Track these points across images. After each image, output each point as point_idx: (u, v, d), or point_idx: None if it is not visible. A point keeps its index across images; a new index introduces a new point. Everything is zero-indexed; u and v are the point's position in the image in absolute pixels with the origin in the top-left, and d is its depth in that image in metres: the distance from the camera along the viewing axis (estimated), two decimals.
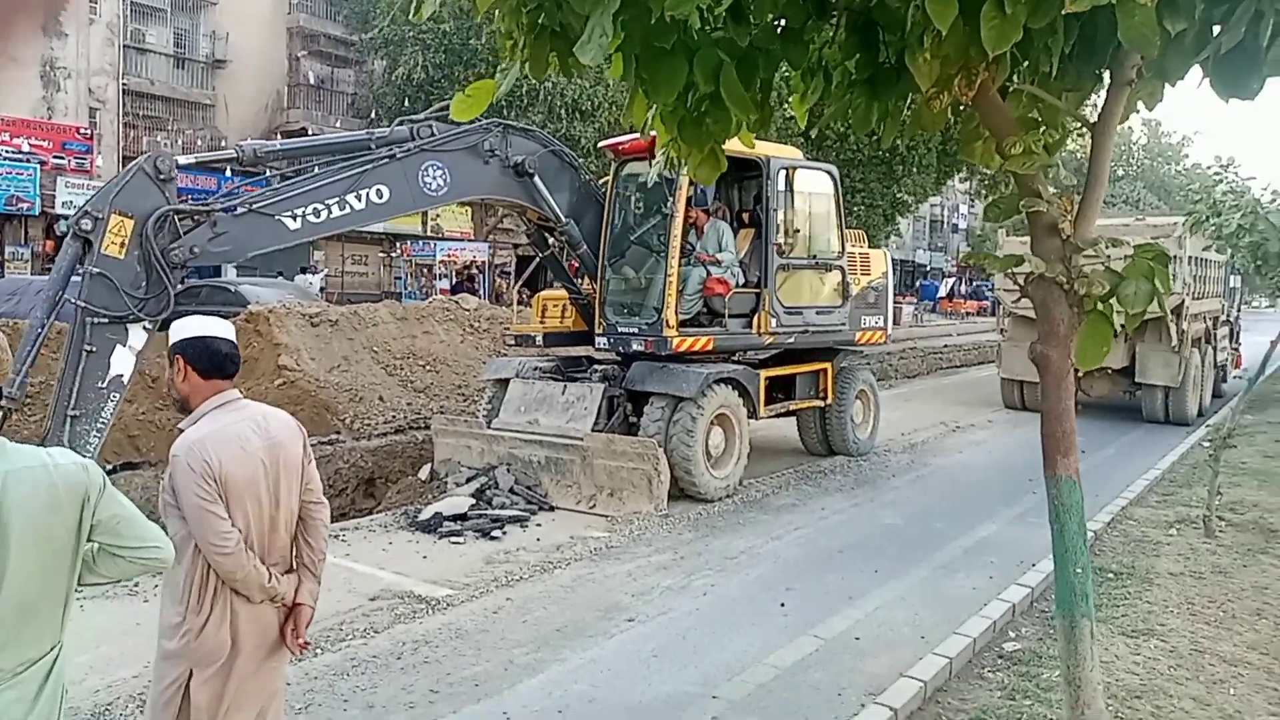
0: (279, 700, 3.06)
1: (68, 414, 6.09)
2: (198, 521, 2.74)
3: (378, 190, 7.31)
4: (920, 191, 27.02)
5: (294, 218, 6.92)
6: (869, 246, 12.13)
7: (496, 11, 2.05)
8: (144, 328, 6.34)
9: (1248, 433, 12.65)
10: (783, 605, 6.06)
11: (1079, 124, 2.17)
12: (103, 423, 6.22)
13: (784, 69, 2.40)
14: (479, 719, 4.43)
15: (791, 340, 9.79)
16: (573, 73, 2.21)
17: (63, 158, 23.27)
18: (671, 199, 8.82)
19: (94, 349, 6.12)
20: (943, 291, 49.15)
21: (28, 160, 22.42)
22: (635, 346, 8.94)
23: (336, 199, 7.09)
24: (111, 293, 6.16)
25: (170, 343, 2.92)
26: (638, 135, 8.45)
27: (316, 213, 7.00)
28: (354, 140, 7.74)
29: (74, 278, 6.35)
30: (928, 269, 56.60)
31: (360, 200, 7.20)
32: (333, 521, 8.44)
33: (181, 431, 2.88)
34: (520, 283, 15.05)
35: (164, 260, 6.30)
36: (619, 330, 9.12)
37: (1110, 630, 5.30)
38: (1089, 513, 8.00)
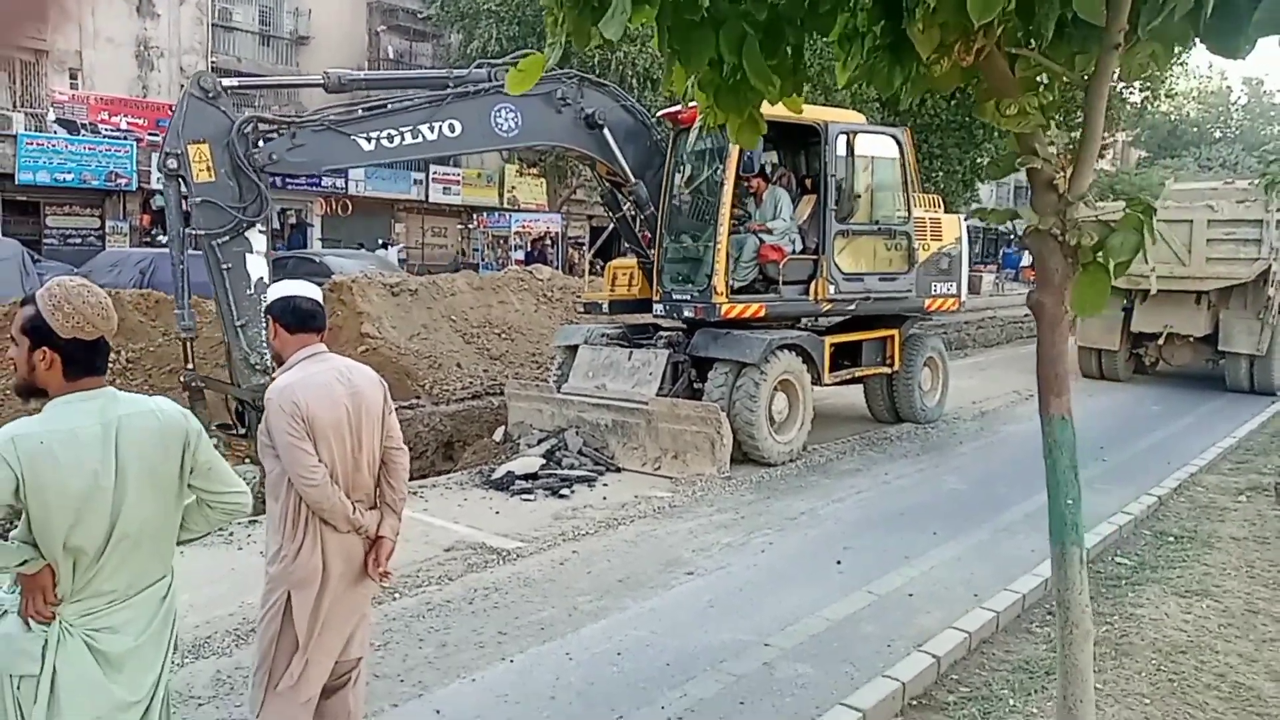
0: (366, 624, 3.41)
1: (236, 326, 6.81)
2: (289, 457, 3.06)
3: (450, 124, 7.66)
4: (1006, 160, 26.40)
5: (369, 139, 7.34)
6: (945, 212, 11.97)
7: None
8: (259, 230, 6.95)
9: None
10: (839, 563, 6.22)
11: (1072, 85, 2.28)
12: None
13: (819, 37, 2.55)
14: (543, 658, 4.72)
15: (853, 307, 9.79)
16: (615, 44, 2.40)
17: (157, 135, 24.26)
18: (722, 166, 8.92)
19: (229, 265, 6.79)
20: (1025, 260, 47.93)
21: (125, 137, 23.46)
22: (687, 313, 9.14)
23: (410, 128, 7.47)
24: (219, 212, 6.80)
25: (268, 304, 3.30)
26: (695, 105, 8.62)
27: (390, 138, 7.40)
28: (434, 77, 8.22)
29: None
30: (1011, 237, 55.19)
31: (433, 131, 7.56)
32: (412, 481, 8.90)
33: (273, 379, 3.21)
34: (593, 251, 15.30)
35: (249, 165, 6.84)
36: (674, 297, 9.31)
37: (1164, 590, 5.35)
38: (1158, 479, 8.02)
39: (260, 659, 3.20)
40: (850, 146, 9.50)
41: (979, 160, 25.73)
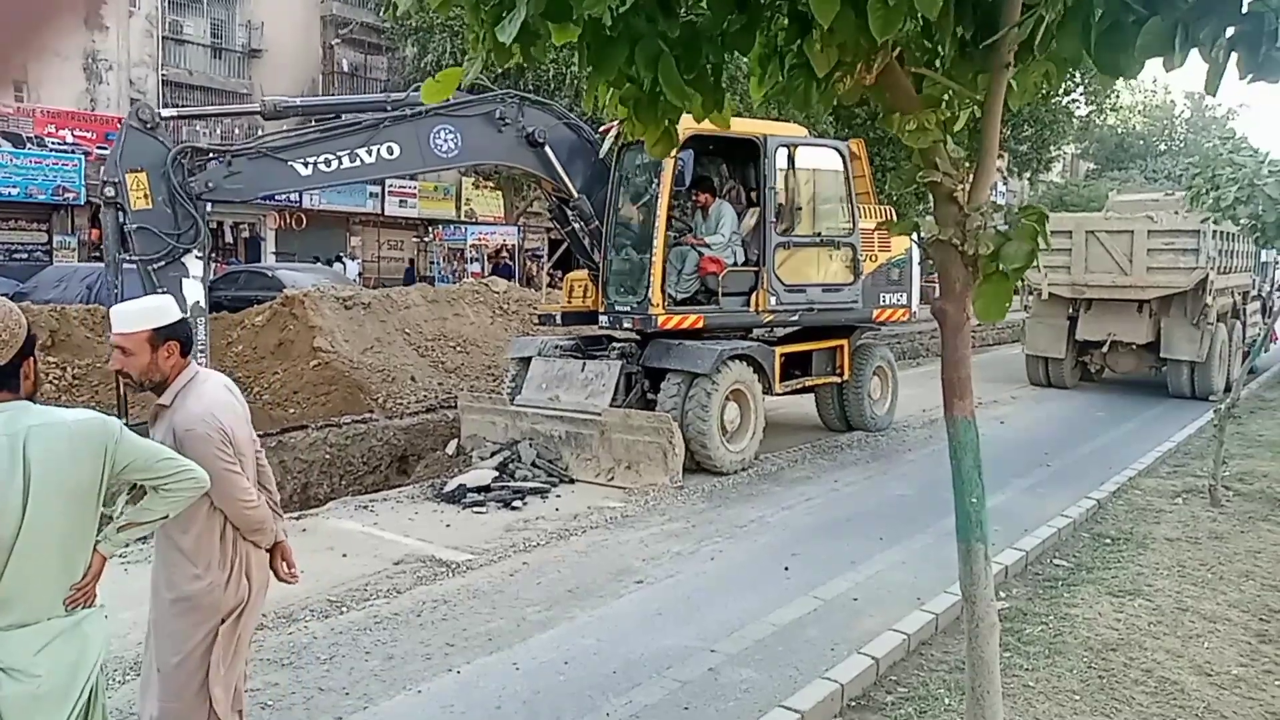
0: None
1: None
2: (226, 485, 2.96)
3: (388, 147, 7.78)
4: (909, 173, 26.84)
5: (305, 164, 7.47)
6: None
7: (461, 7, 2.30)
8: (195, 256, 7.12)
9: (1270, 406, 12.67)
10: (786, 569, 6.31)
11: (971, 103, 2.39)
12: (202, 343, 7.09)
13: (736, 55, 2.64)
14: (490, 668, 4.75)
15: (795, 318, 9.87)
16: (538, 58, 2.47)
17: (106, 148, 23.89)
18: (656, 181, 9.03)
19: (164, 289, 6.83)
20: None
21: (72, 151, 23.09)
22: (626, 324, 9.27)
23: (348, 151, 7.61)
24: (154, 238, 6.97)
25: (153, 327, 3.01)
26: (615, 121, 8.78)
27: (328, 162, 7.53)
28: (371, 101, 8.28)
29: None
30: None
31: (371, 155, 7.68)
32: (363, 495, 8.85)
33: (164, 406, 3.05)
34: (551, 264, 15.36)
35: (184, 193, 7.02)
36: (616, 309, 9.42)
37: (1098, 590, 5.51)
38: (1099, 483, 8.22)
39: (194, 698, 3.06)
40: (791, 159, 9.59)
41: None
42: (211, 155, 7.40)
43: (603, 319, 9.66)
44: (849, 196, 10.16)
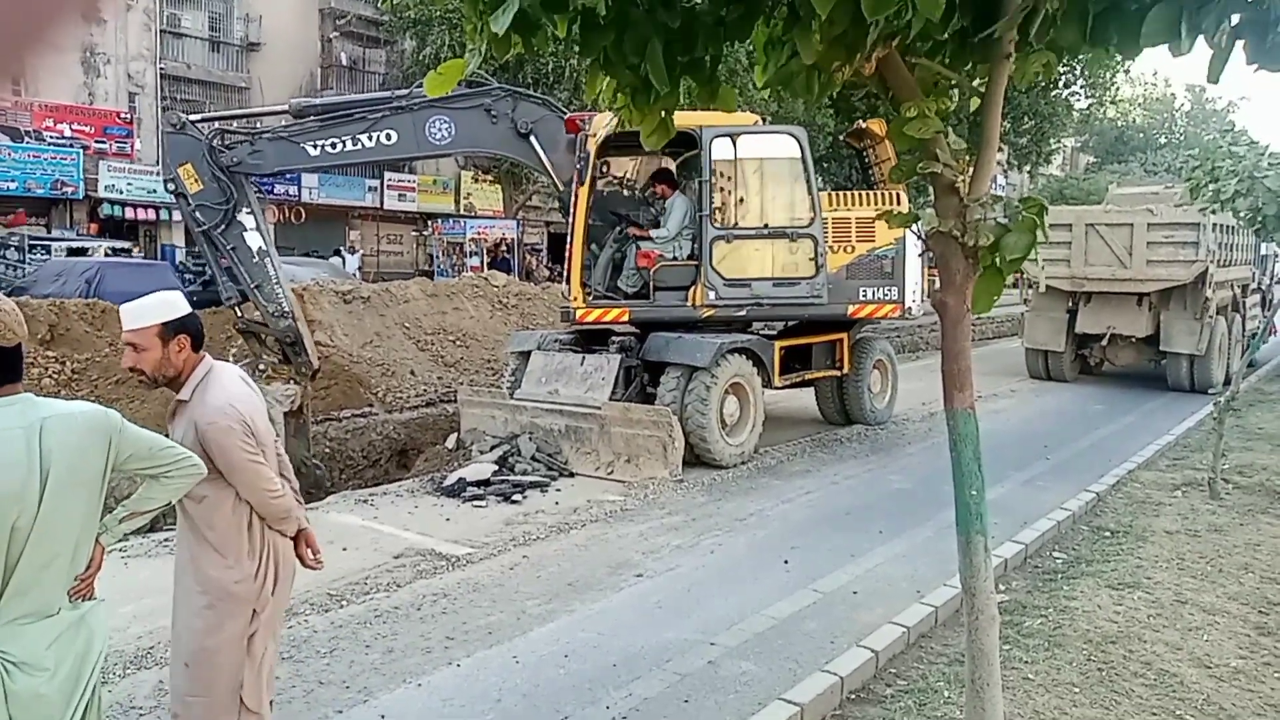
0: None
1: (252, 287, 8.23)
2: (251, 476, 2.96)
3: (387, 134, 8.54)
4: (909, 165, 26.90)
5: (314, 146, 8.41)
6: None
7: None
8: (246, 212, 8.28)
9: (1269, 399, 12.67)
10: (786, 562, 6.31)
11: (970, 92, 2.38)
12: (275, 278, 8.31)
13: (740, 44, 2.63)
14: (489, 661, 4.75)
15: (743, 313, 9.47)
16: (538, 50, 2.45)
17: (104, 142, 23.90)
18: (580, 170, 9.02)
19: (233, 245, 8.24)
20: None
21: (71, 145, 23.06)
22: (563, 317, 9.52)
23: (351, 136, 8.49)
24: (212, 210, 8.21)
25: (162, 321, 2.98)
26: (580, 113, 8.89)
27: (333, 145, 8.44)
28: (381, 98, 9.05)
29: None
30: None
31: (371, 140, 8.49)
32: (363, 489, 8.85)
33: (184, 402, 3.02)
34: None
35: (221, 168, 8.19)
36: (569, 304, 9.56)
37: (1097, 583, 5.51)
38: (1098, 476, 8.23)
39: (226, 692, 3.07)
40: (734, 149, 9.26)
41: None
42: (239, 138, 8.49)
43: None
44: (808, 185, 9.49)
